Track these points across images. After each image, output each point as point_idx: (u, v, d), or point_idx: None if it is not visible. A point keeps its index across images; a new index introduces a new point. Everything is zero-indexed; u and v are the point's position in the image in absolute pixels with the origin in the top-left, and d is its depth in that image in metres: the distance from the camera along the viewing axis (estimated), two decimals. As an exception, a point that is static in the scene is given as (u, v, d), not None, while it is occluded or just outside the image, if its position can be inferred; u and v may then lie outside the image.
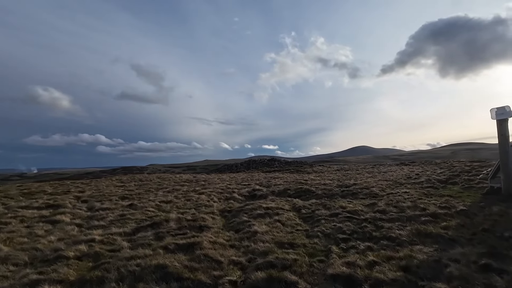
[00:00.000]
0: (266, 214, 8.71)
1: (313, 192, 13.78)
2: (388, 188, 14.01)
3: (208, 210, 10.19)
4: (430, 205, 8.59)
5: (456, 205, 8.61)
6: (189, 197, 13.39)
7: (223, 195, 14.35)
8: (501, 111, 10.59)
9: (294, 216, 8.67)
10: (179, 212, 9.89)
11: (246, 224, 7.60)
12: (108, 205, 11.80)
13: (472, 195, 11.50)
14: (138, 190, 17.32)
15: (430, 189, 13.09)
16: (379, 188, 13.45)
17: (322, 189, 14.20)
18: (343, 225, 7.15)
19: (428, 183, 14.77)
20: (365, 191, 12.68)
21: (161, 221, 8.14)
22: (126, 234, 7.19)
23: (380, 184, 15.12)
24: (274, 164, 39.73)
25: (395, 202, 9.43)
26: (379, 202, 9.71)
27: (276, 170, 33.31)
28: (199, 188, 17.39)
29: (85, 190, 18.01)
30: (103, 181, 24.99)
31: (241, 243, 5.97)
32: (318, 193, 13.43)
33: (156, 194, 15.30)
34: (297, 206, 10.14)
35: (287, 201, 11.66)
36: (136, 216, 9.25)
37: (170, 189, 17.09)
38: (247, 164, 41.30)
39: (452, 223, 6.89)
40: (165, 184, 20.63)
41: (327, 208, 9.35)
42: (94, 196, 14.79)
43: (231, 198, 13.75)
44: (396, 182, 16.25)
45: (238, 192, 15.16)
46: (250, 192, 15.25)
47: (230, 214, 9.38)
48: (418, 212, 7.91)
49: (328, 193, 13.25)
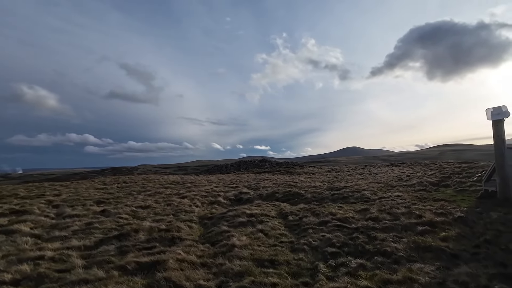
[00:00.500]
0: (249, 223, 7.85)
1: (302, 195, 13.00)
2: (379, 191, 13.35)
3: (187, 217, 9.26)
4: (426, 212, 7.90)
5: (453, 212, 7.94)
6: (170, 202, 12.40)
7: (207, 199, 13.41)
8: (497, 111, 10.04)
9: (280, 224, 7.84)
10: (155, 219, 8.93)
11: (225, 235, 6.72)
12: (79, 211, 10.72)
13: (466, 199, 10.93)
14: (118, 193, 16.20)
15: (423, 192, 12.50)
16: (371, 191, 12.77)
17: (311, 192, 13.44)
18: (333, 235, 6.36)
19: (420, 186, 14.21)
20: (356, 195, 11.97)
21: (130, 231, 7.18)
22: (86, 248, 6.21)
23: (372, 187, 14.47)
24: (265, 165, 38.92)
25: (388, 207, 8.72)
26: (371, 208, 8.99)
27: (266, 171, 32.50)
28: (184, 191, 16.39)
29: (62, 193, 16.76)
30: (85, 183, 23.66)
31: (215, 260, 5.09)
32: (308, 196, 12.66)
33: (136, 198, 14.23)
34: (284, 212, 9.32)
35: (274, 206, 10.83)
36: (105, 225, 8.25)
37: (153, 192, 16.04)
38: (237, 165, 40.34)
39: (452, 233, 6.19)
40: (149, 187, 19.52)
41: (315, 214, 8.56)
42: (68, 200, 13.63)
43: (215, 202, 12.83)
44: (388, 184, 15.66)
45: (223, 196, 14.24)
46: (237, 195, 14.36)
47: (210, 222, 8.49)
48: (414, 220, 7.19)
49: (318, 196, 12.49)
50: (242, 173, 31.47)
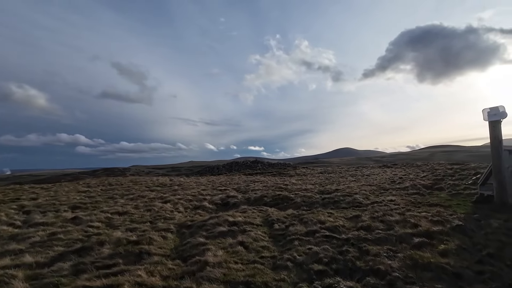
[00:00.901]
0: (229, 232, 7.09)
1: (292, 199, 12.30)
2: (372, 194, 12.74)
3: (165, 224, 8.44)
4: (422, 220, 7.26)
5: (450, 219, 7.33)
6: (152, 207, 11.55)
7: (191, 204, 12.60)
8: (494, 112, 9.51)
9: (264, 234, 7.10)
10: (129, 228, 8.10)
11: (200, 248, 5.95)
12: (49, 218, 9.80)
13: (461, 203, 10.38)
14: (99, 197, 15.25)
15: (417, 196, 11.93)
16: (363, 195, 12.15)
17: (302, 196, 12.74)
18: (320, 248, 5.65)
19: (414, 189, 13.66)
20: (347, 199, 11.32)
21: (95, 244, 6.35)
22: (38, 266, 5.36)
23: (364, 190, 13.86)
24: (257, 166, 38.19)
25: (381, 214, 8.06)
26: (363, 214, 8.32)
27: (258, 173, 31.76)
28: (169, 194, 15.53)
29: (39, 197, 15.72)
30: (68, 185, 22.54)
31: (180, 283, 4.32)
32: (297, 201, 11.96)
33: (117, 202, 13.32)
34: (270, 219, 8.58)
35: (260, 212, 10.09)
36: (71, 236, 7.38)
37: (136, 195, 15.13)
38: (229, 166, 39.49)
39: (451, 246, 5.54)
40: (134, 190, 18.58)
41: (304, 222, 7.84)
42: (43, 205, 12.65)
43: (200, 207, 12.03)
44: (380, 187, 15.08)
45: (209, 200, 13.44)
46: (224, 199, 13.57)
47: (189, 231, 7.69)
48: (409, 229, 6.54)
49: (308, 201, 11.80)
50: (233, 175, 30.66)
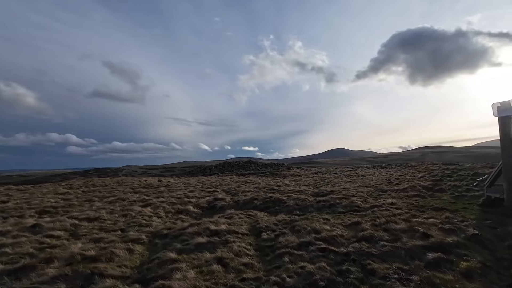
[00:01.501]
0: (209, 245, 5.95)
1: (284, 202, 11.21)
2: (370, 197, 11.75)
3: (138, 233, 7.26)
4: (431, 228, 6.25)
5: (463, 227, 6.34)
6: (129, 211, 10.32)
7: (174, 207, 11.40)
8: (504, 107, 8.58)
9: (249, 246, 5.98)
10: (93, 238, 6.89)
11: (169, 266, 4.80)
12: (8, 225, 8.50)
13: (467, 207, 9.44)
14: (76, 200, 13.92)
15: (418, 199, 10.97)
16: (361, 198, 11.14)
17: (295, 199, 11.66)
18: (315, 267, 4.57)
19: (414, 191, 12.72)
20: (344, 202, 10.29)
21: (42, 261, 5.14)
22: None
23: (361, 192, 12.87)
24: (250, 167, 37.03)
25: (383, 221, 7.02)
26: (364, 221, 7.28)
27: (251, 173, 30.64)
28: (152, 197, 14.29)
29: (11, 199, 14.31)
30: (48, 186, 21.03)
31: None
32: (290, 204, 10.87)
33: (93, 205, 12.04)
34: (259, 226, 7.48)
35: (248, 217, 8.98)
36: (20, 248, 6.13)
37: (117, 198, 13.84)
38: (221, 167, 38.20)
39: (474, 263, 4.52)
40: (118, 191, 17.26)
41: (296, 231, 6.76)
42: (9, 210, 11.30)
43: (183, 211, 10.85)
44: (378, 188, 14.11)
45: (195, 203, 12.26)
46: (210, 202, 12.41)
47: (162, 242, 6.53)
48: (420, 240, 5.51)
49: (301, 204, 10.73)
50: (225, 175, 29.47)
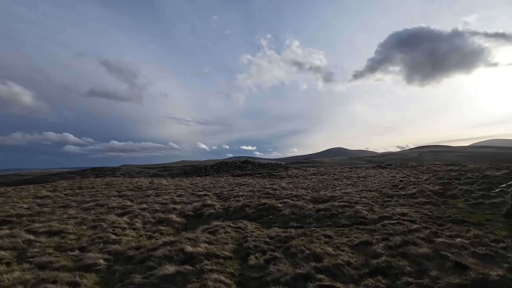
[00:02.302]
0: (177, 277, 4.52)
1: (279, 211, 9.80)
2: (376, 204, 10.37)
3: (96, 256, 5.84)
4: (462, 253, 4.85)
5: (501, 252, 4.96)
6: (101, 221, 8.89)
7: (156, 216, 9.97)
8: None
9: (229, 280, 4.56)
10: (41, 263, 5.46)
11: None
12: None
13: (491, 218, 8.05)
14: (50, 206, 12.44)
15: (431, 207, 9.58)
16: (366, 206, 9.75)
17: (291, 206, 10.27)
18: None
19: (423, 196, 11.34)
20: (347, 211, 8.89)
21: None
22: None
23: (365, 198, 11.49)
24: (247, 167, 35.54)
25: (400, 241, 5.62)
26: (374, 240, 5.88)
27: (247, 174, 29.22)
28: (135, 202, 12.85)
29: (-20, 205, 12.86)
30: (29, 189, 19.51)
31: None
32: (285, 212, 9.47)
33: (65, 213, 10.59)
34: (246, 246, 6.07)
35: (236, 231, 7.57)
36: None
37: (95, 204, 12.38)
38: (217, 167, 36.67)
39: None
40: (101, 195, 15.81)
41: (291, 254, 5.36)
42: (-33, 219, 9.86)
43: (164, 221, 9.42)
44: (383, 193, 12.73)
45: (180, 211, 10.84)
46: (197, 209, 10.98)
47: (122, 270, 5.09)
48: (454, 275, 4.11)
49: (299, 213, 9.33)
50: (220, 176, 28.04)
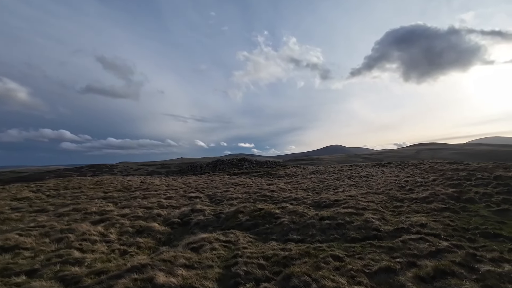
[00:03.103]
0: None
1: (277, 218, 8.47)
2: (386, 210, 9.06)
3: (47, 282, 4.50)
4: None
5: None
6: (70, 232, 7.51)
7: (136, 224, 8.60)
8: None
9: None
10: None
11: None
12: None
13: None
14: (23, 211, 11.04)
15: (451, 214, 8.29)
16: (376, 213, 8.44)
17: (291, 212, 8.94)
18: None
19: (437, 201, 10.05)
20: (356, 221, 7.57)
21: None
22: None
23: (372, 202, 10.19)
24: (244, 165, 34.12)
25: (431, 267, 4.31)
26: (397, 266, 4.56)
27: (244, 173, 27.87)
28: (118, 207, 11.48)
29: None
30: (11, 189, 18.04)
31: None
32: (284, 221, 8.13)
33: (35, 219, 9.21)
34: (235, 272, 4.72)
35: (226, 246, 6.23)
36: None
37: (71, 209, 10.97)
38: (213, 165, 35.21)
39: None
40: (85, 197, 14.41)
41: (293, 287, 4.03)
42: None
43: (144, 231, 8.06)
44: (391, 197, 11.44)
45: (165, 217, 9.49)
46: (185, 215, 9.62)
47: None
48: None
49: (299, 221, 7.99)
50: (216, 175, 26.67)
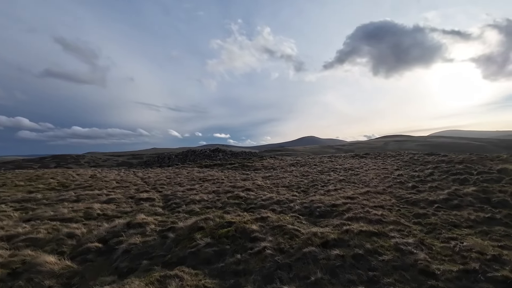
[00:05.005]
0: None
1: (256, 240, 5.19)
2: (409, 222, 6.21)
3: None
4: None
5: None
6: None
7: (14, 259, 4.92)
8: None
9: None
10: None
11: None
12: None
13: None
14: None
15: (508, 231, 5.63)
16: (402, 230, 5.53)
17: (275, 229, 5.72)
18: None
19: (466, 204, 7.45)
20: (384, 251, 4.53)
21: None
22: None
23: (381, 207, 7.35)
24: (218, 156, 30.45)
25: None
26: None
27: (217, 164, 24.33)
28: (17, 220, 7.54)
29: None
30: None
31: None
32: (267, 249, 4.85)
33: None
34: None
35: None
36: None
37: None
38: (183, 156, 31.08)
39: None
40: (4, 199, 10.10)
41: None
42: None
43: (21, 274, 4.44)
44: (399, 197, 8.70)
45: (78, 240, 5.82)
46: (114, 235, 6.02)
47: None
48: None
49: (291, 250, 4.78)
50: (185, 167, 22.89)
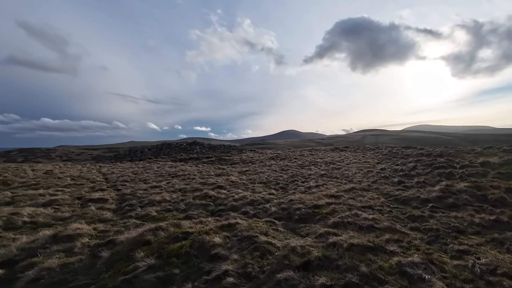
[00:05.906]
0: None
1: (216, 259, 3.81)
2: (405, 228, 5.13)
3: None
4: None
5: None
6: None
7: None
8: None
9: None
10: None
11: None
12: None
13: None
14: None
15: None
16: (400, 240, 4.39)
17: (242, 241, 4.38)
18: None
19: (463, 204, 6.58)
20: (388, 279, 3.36)
21: None
22: None
23: (369, 207, 6.26)
24: (194, 149, 28.54)
25: None
26: None
27: (193, 158, 22.57)
28: None
29: None
30: None
31: None
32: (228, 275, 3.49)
33: None
34: None
35: None
36: None
37: None
38: (157, 149, 28.81)
39: None
40: None
41: None
42: None
43: None
44: (386, 195, 7.71)
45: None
46: (28, 254, 4.35)
47: None
48: None
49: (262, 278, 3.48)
50: (157, 161, 20.91)
